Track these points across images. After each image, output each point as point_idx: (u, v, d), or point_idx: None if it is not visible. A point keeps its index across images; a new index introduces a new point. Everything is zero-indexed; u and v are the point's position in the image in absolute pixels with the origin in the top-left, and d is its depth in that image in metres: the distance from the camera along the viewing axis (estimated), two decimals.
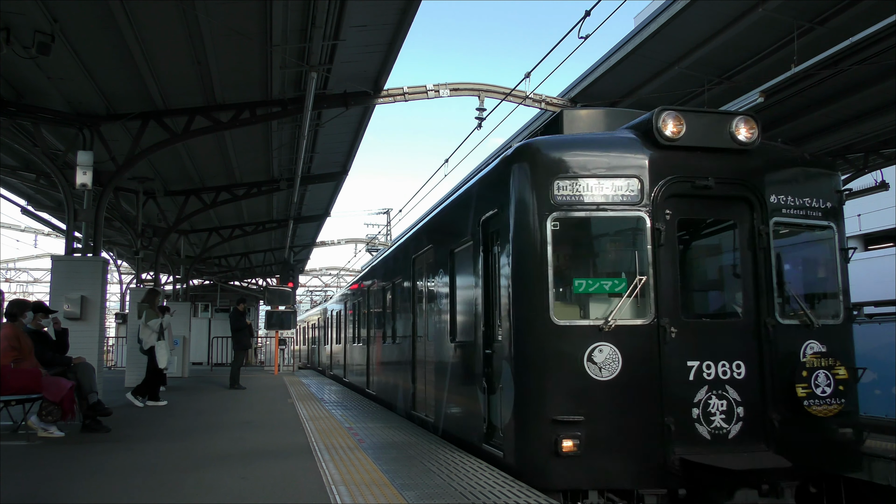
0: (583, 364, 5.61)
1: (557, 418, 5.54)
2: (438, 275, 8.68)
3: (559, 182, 5.87)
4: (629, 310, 5.76)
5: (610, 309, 5.74)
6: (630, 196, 5.86)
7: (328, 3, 8.64)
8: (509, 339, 6.09)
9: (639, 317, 5.78)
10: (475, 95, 13.06)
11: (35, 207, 18.45)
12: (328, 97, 12.19)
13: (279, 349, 26.48)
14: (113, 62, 10.17)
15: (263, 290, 33.82)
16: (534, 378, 5.83)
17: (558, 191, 5.86)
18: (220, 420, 10.34)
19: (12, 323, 8.38)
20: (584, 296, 5.98)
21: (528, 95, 12.72)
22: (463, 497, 5.16)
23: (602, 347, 5.64)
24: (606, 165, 5.95)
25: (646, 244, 5.83)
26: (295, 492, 5.49)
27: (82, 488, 5.74)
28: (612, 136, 6.37)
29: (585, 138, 6.48)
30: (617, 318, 5.67)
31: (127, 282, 31.70)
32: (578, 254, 6.45)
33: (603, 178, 5.89)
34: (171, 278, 26.09)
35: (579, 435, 5.49)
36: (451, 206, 8.70)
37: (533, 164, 6.06)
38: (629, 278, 5.81)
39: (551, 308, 5.73)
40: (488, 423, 6.68)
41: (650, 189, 5.86)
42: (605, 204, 5.86)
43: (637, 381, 5.65)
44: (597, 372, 5.61)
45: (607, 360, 5.62)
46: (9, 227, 36.44)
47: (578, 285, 6.02)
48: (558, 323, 5.72)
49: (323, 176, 17.95)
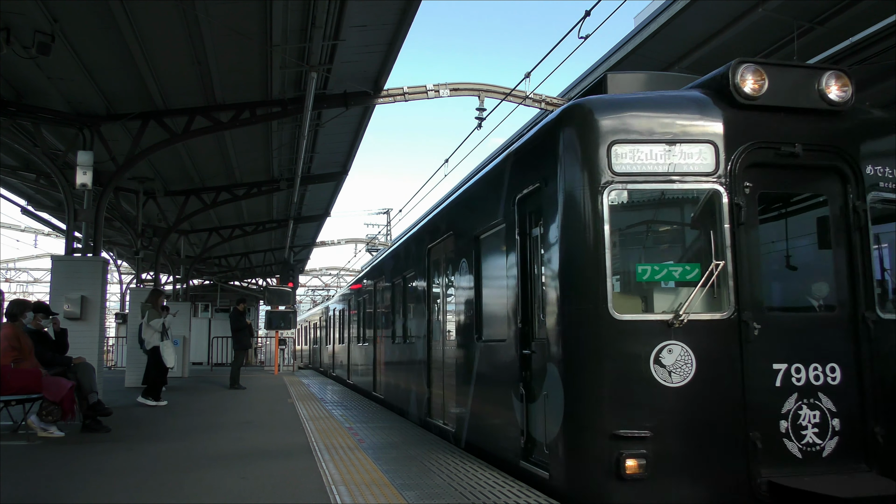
0: (648, 367, 4.76)
1: (619, 433, 4.67)
2: (460, 265, 7.75)
3: (618, 148, 4.96)
4: (703, 302, 4.88)
5: (680, 301, 4.89)
6: (702, 165, 4.97)
7: (328, 3, 8.64)
8: (557, 338, 5.19)
9: (715, 310, 4.89)
10: (475, 95, 13.08)
11: (35, 207, 18.47)
12: (328, 97, 12.19)
13: (279, 349, 26.49)
14: (113, 62, 10.18)
15: (263, 290, 33.85)
16: (589, 384, 4.93)
17: (617, 159, 4.95)
18: (220, 420, 10.34)
19: (12, 323, 8.39)
20: (648, 285, 5.11)
21: (528, 95, 12.72)
22: (463, 497, 5.16)
23: (672, 347, 4.79)
24: (674, 129, 5.03)
25: (722, 223, 4.91)
26: (295, 492, 5.48)
27: (82, 488, 5.74)
28: (679, 95, 5.46)
29: (648, 97, 5.47)
30: (689, 311, 4.80)
31: (127, 282, 31.72)
32: (642, 235, 5.56)
33: (670, 144, 4.98)
34: (171, 278, 26.10)
35: (645, 453, 4.62)
36: (476, 187, 7.64)
37: (586, 128, 5.10)
38: (703, 264, 4.92)
39: (610, 300, 4.83)
40: (527, 437, 5.68)
41: (726, 157, 4.97)
42: (672, 175, 4.97)
43: (714, 387, 4.79)
44: (665, 377, 4.76)
45: (678, 363, 4.78)
46: (9, 227, 36.49)
47: (642, 272, 5.05)
48: (619, 317, 4.83)
49: (323, 176, 17.96)
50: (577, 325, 5.04)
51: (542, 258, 5.60)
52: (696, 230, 5.20)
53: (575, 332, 5.05)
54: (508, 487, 5.44)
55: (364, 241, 37.41)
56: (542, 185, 5.50)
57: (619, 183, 4.96)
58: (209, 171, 16.55)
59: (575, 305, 5.04)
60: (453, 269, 8.09)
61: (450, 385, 8.13)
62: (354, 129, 14.63)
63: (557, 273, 5.22)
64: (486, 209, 6.86)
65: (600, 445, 4.73)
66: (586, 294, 4.94)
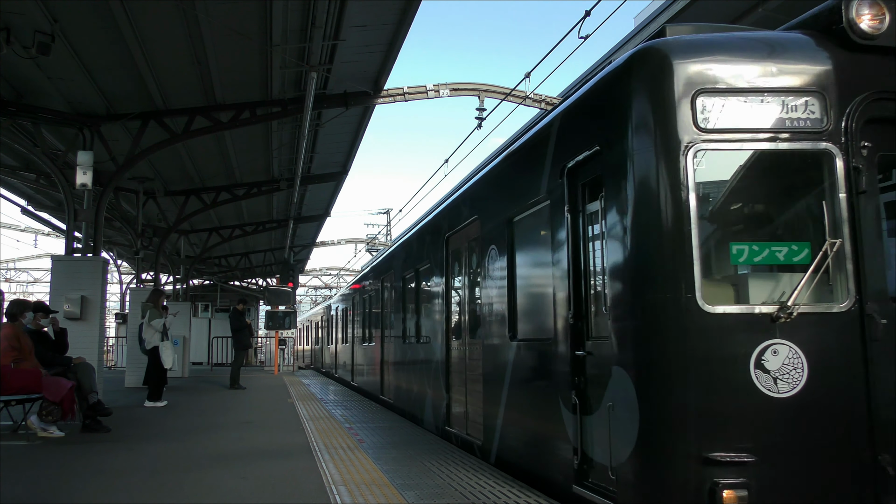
0: (748, 373, 3.82)
1: (712, 456, 3.74)
2: (487, 254, 6.82)
3: (704, 100, 4.05)
4: (815, 291, 3.92)
5: (783, 289, 4.00)
6: (809, 121, 4.06)
7: (328, 3, 8.65)
8: (627, 335, 4.24)
9: (831, 301, 3.96)
10: (475, 95, 13.08)
11: (35, 207, 18.48)
12: (328, 97, 12.20)
13: (279, 349, 26.49)
14: (113, 62, 10.18)
15: (263, 290, 33.86)
16: (672, 394, 3.95)
17: (703, 114, 4.04)
18: (220, 420, 10.34)
19: (12, 323, 8.39)
20: (743, 270, 4.18)
21: (528, 95, 12.72)
22: (463, 497, 5.16)
23: (777, 347, 3.85)
24: (773, 76, 4.12)
25: (837, 191, 4.00)
26: (295, 492, 5.48)
27: (82, 488, 5.73)
28: (777, 36, 4.52)
29: (740, 38, 4.56)
30: (799, 302, 3.86)
31: (127, 282, 31.72)
32: (736, 206, 4.45)
33: (768, 95, 4.07)
34: (171, 278, 26.12)
35: (746, 482, 3.69)
36: (508, 162, 6.66)
37: (663, 75, 4.14)
38: (814, 243, 4.02)
39: (698, 288, 3.87)
40: (582, 456, 4.72)
41: (839, 111, 4.06)
42: (772, 132, 4.06)
43: (832, 398, 3.85)
44: (770, 385, 3.81)
45: (786, 368, 3.83)
46: (9, 227, 36.53)
47: (738, 253, 4.10)
48: (710, 310, 3.88)
49: (323, 176, 17.96)
50: (655, 319, 4.07)
51: (602, 239, 4.59)
52: (804, 201, 4.31)
53: (653, 329, 4.08)
54: (508, 487, 5.43)
55: (364, 241, 37.44)
56: (605, 148, 4.55)
57: (706, 143, 4.04)
58: (209, 171, 16.55)
59: (653, 295, 4.06)
60: (478, 259, 7.20)
61: (475, 391, 7.23)
62: (354, 129, 14.63)
63: (628, 256, 4.23)
64: (523, 186, 5.97)
65: (688, 472, 3.82)
66: (667, 281, 3.99)
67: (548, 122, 5.60)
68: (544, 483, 5.36)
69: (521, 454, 5.95)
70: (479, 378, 7.01)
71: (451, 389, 8.22)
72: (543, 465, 5.42)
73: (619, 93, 4.47)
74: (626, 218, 4.23)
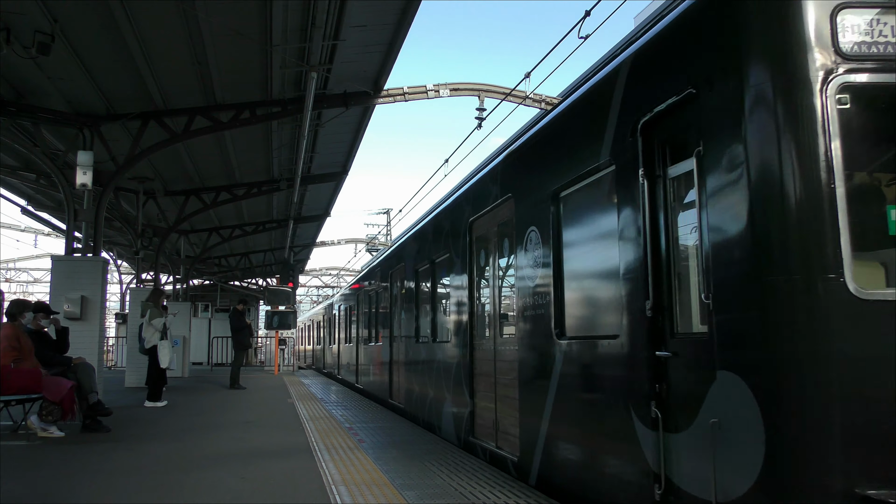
0: None
1: (869, 494, 2.82)
2: (526, 237, 5.80)
3: (848, 17, 3.11)
4: None
5: None
6: None
7: (328, 3, 8.65)
8: (743, 331, 3.24)
9: None
10: (475, 95, 13.08)
11: (35, 207, 18.48)
12: (328, 97, 12.19)
13: (279, 349, 26.49)
14: (113, 62, 10.19)
15: (263, 290, 33.86)
16: (812, 408, 2.99)
17: (846, 35, 3.10)
18: (220, 420, 10.34)
19: (12, 323, 8.40)
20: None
21: (528, 95, 12.72)
22: (463, 497, 5.15)
23: None
24: None
25: None
26: (295, 492, 5.48)
27: (82, 488, 5.74)
28: None
29: None
30: None
31: (127, 282, 31.73)
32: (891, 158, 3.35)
33: None
34: (171, 278, 26.12)
35: None
36: (553, 126, 5.63)
37: None
38: None
39: (847, 266, 2.96)
40: (666, 486, 3.72)
41: None
42: None
43: None
44: None
45: None
46: (9, 227, 36.55)
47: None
48: (861, 296, 2.95)
49: (323, 176, 17.96)
50: (788, 309, 3.05)
51: (700, 208, 3.51)
52: None
53: (785, 322, 3.06)
54: (508, 487, 5.43)
55: (364, 241, 37.45)
56: (702, 90, 3.52)
57: (852, 73, 3.07)
58: (209, 171, 16.56)
59: (783, 277, 3.06)
60: (512, 244, 6.22)
61: (507, 398, 6.25)
62: (354, 129, 14.63)
63: (743, 228, 3.22)
64: (575, 152, 5.00)
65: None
66: (805, 258, 3.03)
67: (611, 71, 4.56)
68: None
69: (572, 477, 4.95)
70: (514, 383, 6.03)
71: (476, 395, 7.30)
72: (606, 492, 4.40)
73: (727, 9, 3.46)
74: (740, 179, 3.23)
